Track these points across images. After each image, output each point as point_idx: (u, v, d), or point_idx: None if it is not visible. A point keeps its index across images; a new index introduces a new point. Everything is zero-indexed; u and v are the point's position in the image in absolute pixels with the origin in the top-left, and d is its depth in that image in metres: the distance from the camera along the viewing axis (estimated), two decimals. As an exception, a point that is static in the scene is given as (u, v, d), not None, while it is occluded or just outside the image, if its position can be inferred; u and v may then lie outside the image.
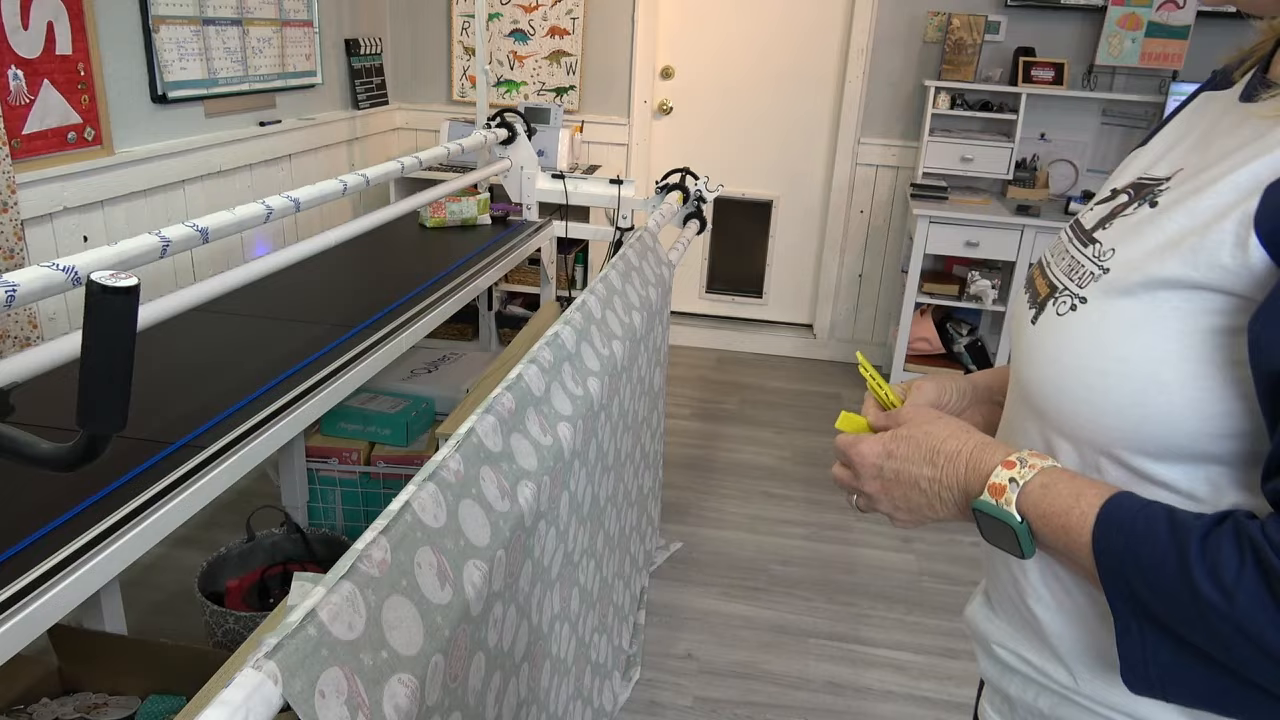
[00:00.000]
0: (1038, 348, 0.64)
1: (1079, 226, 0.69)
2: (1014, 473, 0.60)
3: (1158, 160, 0.68)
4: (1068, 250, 0.67)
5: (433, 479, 0.89)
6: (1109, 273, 0.60)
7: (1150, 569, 0.52)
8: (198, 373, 1.58)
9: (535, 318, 2.56)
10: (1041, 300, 0.66)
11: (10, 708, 1.40)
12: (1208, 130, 0.64)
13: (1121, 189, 0.68)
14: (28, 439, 0.88)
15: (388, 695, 0.72)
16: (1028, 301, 0.68)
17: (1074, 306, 0.61)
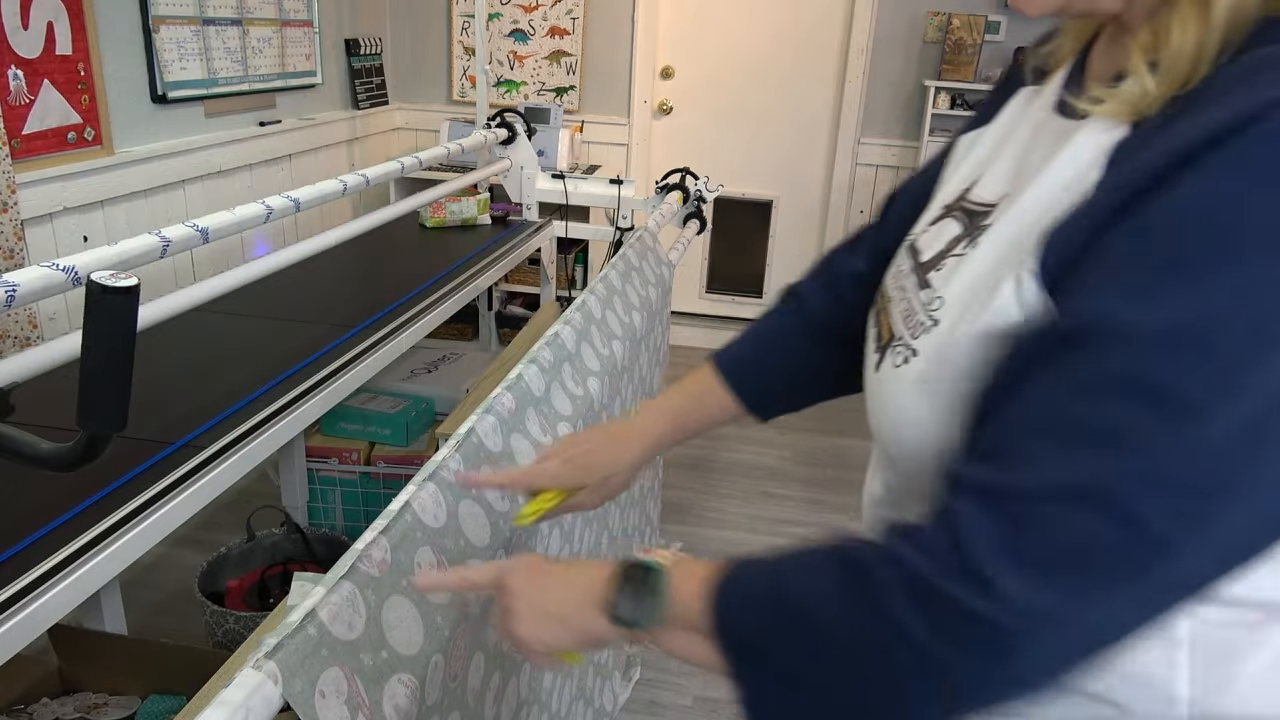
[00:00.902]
0: (879, 396, 0.63)
1: (916, 255, 0.66)
2: (648, 556, 0.62)
3: (984, 170, 0.66)
4: (905, 291, 0.65)
5: (433, 479, 0.89)
6: (938, 325, 0.58)
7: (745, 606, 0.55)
8: (198, 373, 1.58)
9: (535, 318, 2.56)
10: (883, 346, 0.65)
11: (10, 708, 1.40)
12: (1030, 144, 0.62)
13: (954, 206, 0.66)
14: (28, 439, 0.88)
15: (388, 695, 0.72)
16: (873, 341, 0.67)
17: (907, 360, 0.59)
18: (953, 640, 0.47)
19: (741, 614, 0.56)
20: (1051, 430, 0.47)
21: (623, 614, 0.60)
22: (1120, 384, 0.45)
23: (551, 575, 0.66)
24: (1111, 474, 0.44)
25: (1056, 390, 0.47)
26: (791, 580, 0.55)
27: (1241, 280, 0.43)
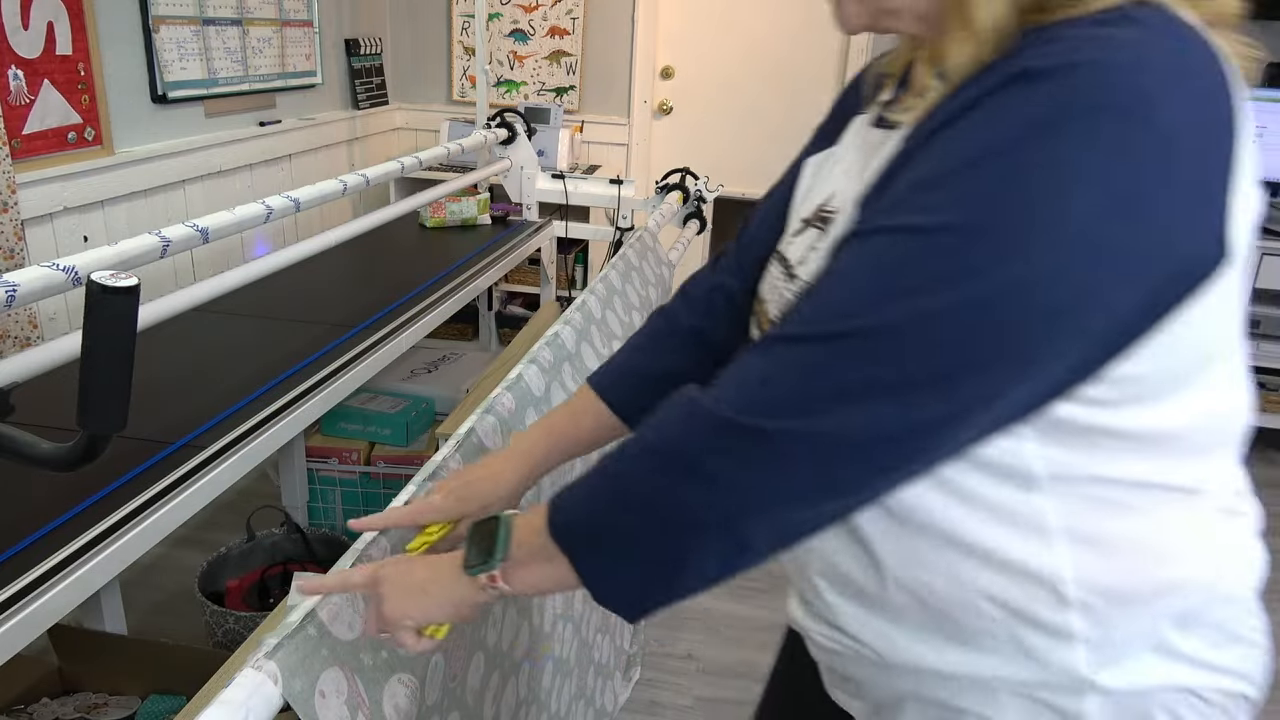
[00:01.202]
0: None
1: (784, 259, 0.73)
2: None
3: (831, 186, 0.72)
4: (778, 288, 0.71)
5: (433, 479, 0.89)
6: None
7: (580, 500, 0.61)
8: (198, 373, 1.58)
9: (535, 318, 2.56)
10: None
11: (10, 708, 1.40)
12: (865, 154, 0.69)
13: (811, 220, 0.72)
14: (28, 439, 0.88)
15: (388, 695, 0.72)
16: (756, 333, 0.73)
17: None
18: (727, 452, 0.54)
19: (570, 510, 0.62)
20: (819, 294, 0.56)
21: (473, 560, 0.65)
22: (895, 253, 0.53)
23: (417, 562, 0.70)
24: (863, 324, 0.52)
25: (844, 266, 0.56)
26: (605, 463, 0.61)
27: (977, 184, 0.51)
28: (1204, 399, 0.60)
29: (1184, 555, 0.61)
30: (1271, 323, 3.21)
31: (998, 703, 0.64)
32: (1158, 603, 0.61)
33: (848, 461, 0.53)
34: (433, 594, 0.67)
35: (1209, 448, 0.63)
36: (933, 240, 0.51)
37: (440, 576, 0.68)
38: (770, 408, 0.53)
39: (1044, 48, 0.52)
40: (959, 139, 0.53)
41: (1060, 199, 0.49)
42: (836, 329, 0.53)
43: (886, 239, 0.54)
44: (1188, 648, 0.62)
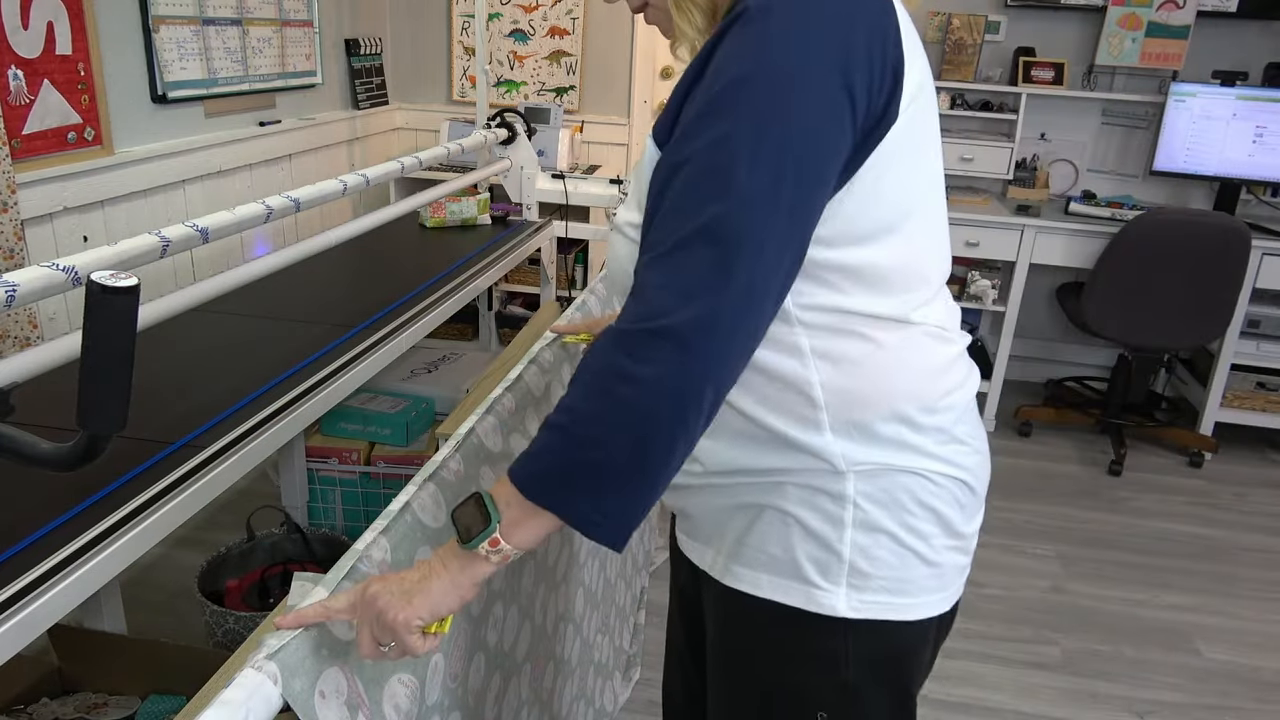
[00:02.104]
0: (608, 251, 0.90)
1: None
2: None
3: None
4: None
5: (433, 479, 0.89)
6: (627, 197, 0.85)
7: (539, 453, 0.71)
8: (198, 373, 1.58)
9: (535, 318, 2.56)
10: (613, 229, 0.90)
11: (10, 708, 1.40)
12: None
13: None
14: (28, 439, 0.88)
15: (388, 695, 0.72)
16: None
17: (614, 217, 0.85)
18: (651, 358, 0.67)
19: (535, 466, 0.71)
20: (666, 216, 0.72)
21: (474, 532, 0.71)
22: (689, 179, 0.71)
23: (401, 570, 0.73)
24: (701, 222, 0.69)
25: (666, 199, 0.72)
26: (550, 419, 0.71)
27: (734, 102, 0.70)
28: (904, 246, 0.79)
29: (900, 369, 0.81)
30: (1271, 323, 3.21)
31: (785, 493, 0.83)
32: (884, 404, 0.81)
33: (715, 335, 0.68)
34: (435, 585, 0.71)
35: (911, 285, 0.81)
36: (701, 161, 0.70)
37: (435, 568, 0.72)
38: (656, 312, 0.68)
39: None
40: (713, 71, 0.73)
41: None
42: (667, 247, 0.70)
43: (685, 168, 0.71)
44: (916, 441, 0.83)
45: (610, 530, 0.70)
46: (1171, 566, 2.61)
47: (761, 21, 0.70)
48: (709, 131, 0.70)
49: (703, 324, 0.67)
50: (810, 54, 0.70)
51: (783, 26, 0.70)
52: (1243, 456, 3.32)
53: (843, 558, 0.82)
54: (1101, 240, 3.03)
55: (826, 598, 0.83)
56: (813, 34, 0.70)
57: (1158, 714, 2.02)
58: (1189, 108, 3.21)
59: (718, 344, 0.68)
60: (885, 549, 0.83)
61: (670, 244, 0.70)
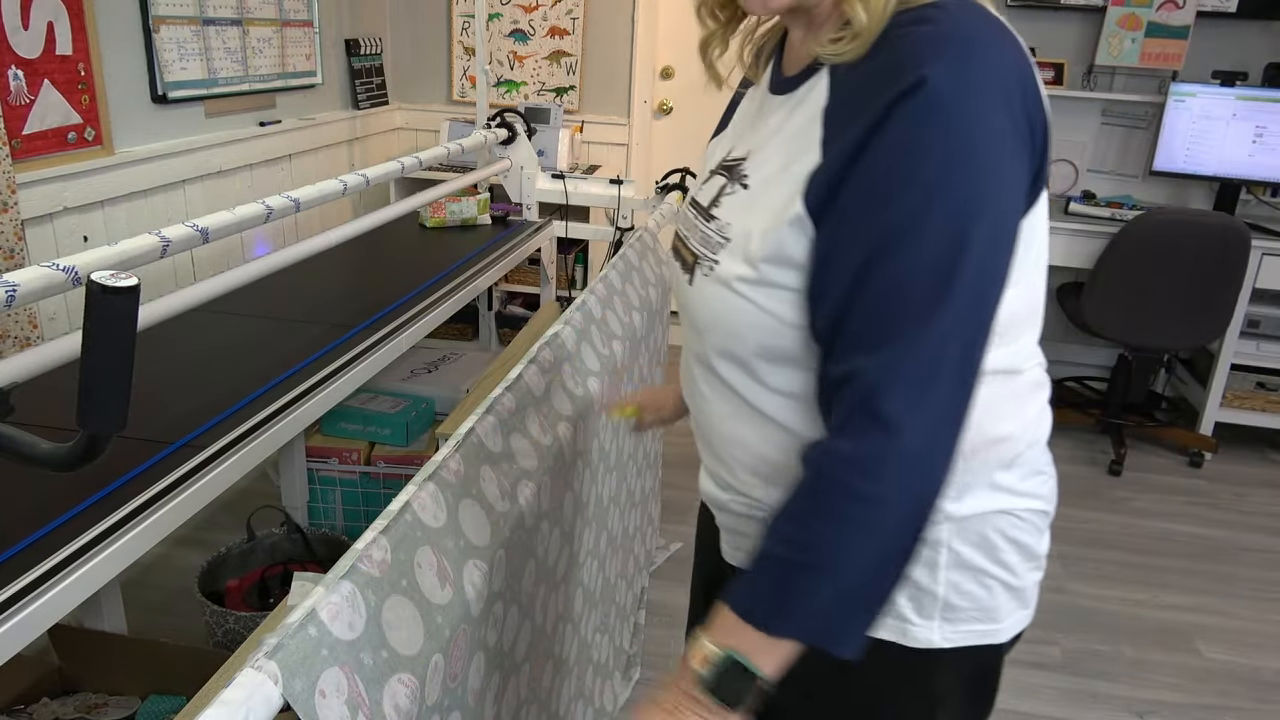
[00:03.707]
0: (698, 300, 0.84)
1: (698, 205, 0.89)
2: (696, 643, 0.75)
3: (732, 146, 0.90)
4: (697, 226, 0.86)
5: (433, 479, 0.89)
6: (730, 242, 0.80)
7: (763, 587, 0.73)
8: (198, 373, 1.58)
9: (535, 318, 2.56)
10: (690, 266, 0.86)
11: (10, 708, 1.40)
12: (755, 118, 0.89)
13: (714, 170, 0.90)
14: (28, 439, 0.88)
15: (388, 695, 0.72)
16: (680, 268, 0.89)
17: (713, 268, 0.82)
18: (885, 476, 0.68)
19: (805, 621, 0.72)
20: (878, 312, 0.70)
21: (743, 697, 0.74)
22: (903, 276, 0.69)
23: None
24: (924, 326, 0.68)
25: (872, 290, 0.70)
26: (776, 547, 0.73)
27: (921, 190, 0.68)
28: (1027, 289, 0.79)
29: (1007, 419, 0.82)
30: (1271, 323, 3.21)
31: None
32: (990, 453, 0.81)
33: (946, 441, 0.70)
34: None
35: (1023, 331, 0.81)
36: (917, 259, 0.68)
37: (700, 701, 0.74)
38: (889, 426, 0.68)
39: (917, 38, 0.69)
40: (889, 156, 0.69)
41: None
42: (888, 348, 0.69)
43: (895, 261, 0.69)
44: (1007, 481, 0.83)
45: (840, 642, 0.72)
46: (1171, 566, 2.61)
47: (948, 108, 0.67)
48: (919, 227, 0.68)
49: (935, 434, 0.69)
50: (996, 139, 0.68)
51: (966, 112, 0.68)
52: (1243, 456, 3.32)
53: (937, 596, 0.83)
54: (1101, 240, 3.03)
55: (921, 632, 0.84)
56: (997, 116, 0.69)
57: (1158, 714, 2.02)
58: (1189, 108, 3.21)
59: (948, 450, 0.70)
60: (975, 583, 0.84)
61: (888, 343, 0.68)
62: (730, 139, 0.93)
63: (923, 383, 0.68)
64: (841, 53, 0.73)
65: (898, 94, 0.68)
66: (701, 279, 0.84)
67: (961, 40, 0.69)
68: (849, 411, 0.70)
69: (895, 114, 0.68)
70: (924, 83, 0.67)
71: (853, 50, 0.73)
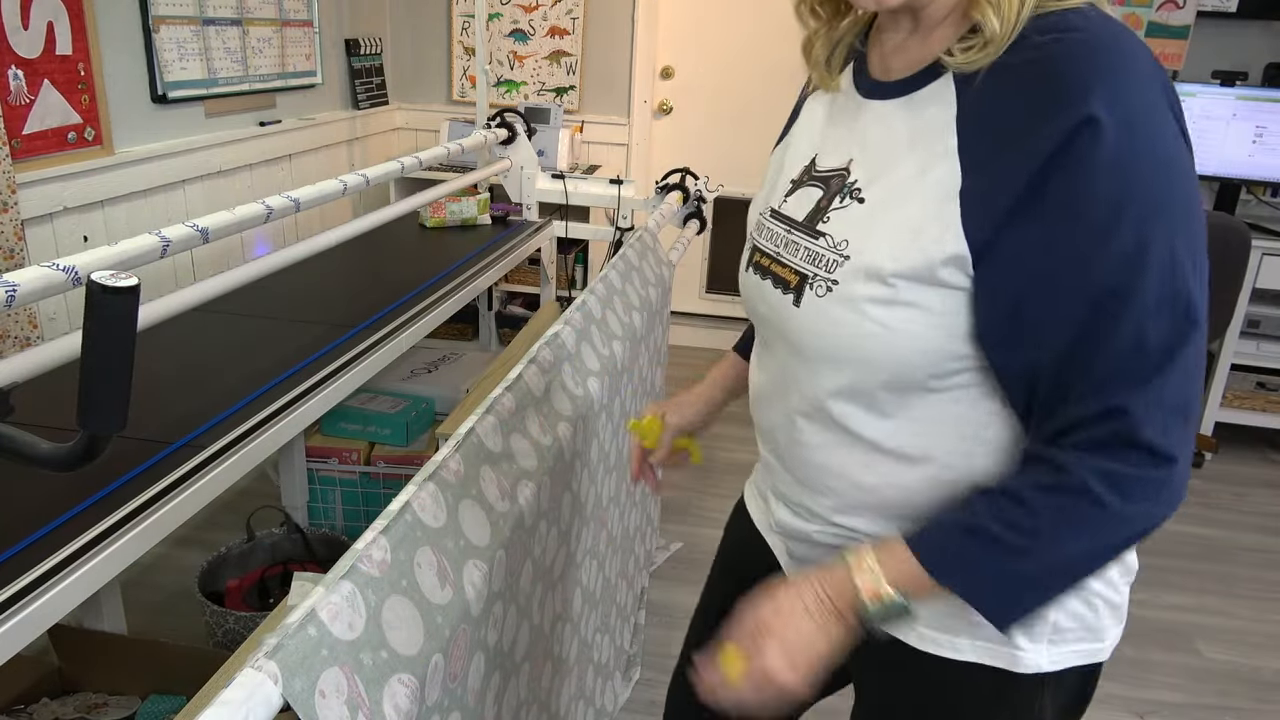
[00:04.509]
0: (812, 322, 0.79)
1: (788, 219, 0.85)
2: (869, 575, 0.75)
3: (813, 153, 0.86)
4: (797, 243, 0.82)
5: (433, 479, 0.89)
6: (850, 260, 0.76)
7: (970, 560, 0.73)
8: (198, 373, 1.58)
9: (535, 318, 2.56)
10: (796, 286, 0.81)
11: (10, 708, 1.40)
12: (843, 124, 0.84)
13: (802, 181, 0.85)
14: (28, 439, 0.88)
15: (388, 695, 0.72)
16: (774, 286, 0.84)
17: (830, 288, 0.77)
18: (1141, 497, 0.69)
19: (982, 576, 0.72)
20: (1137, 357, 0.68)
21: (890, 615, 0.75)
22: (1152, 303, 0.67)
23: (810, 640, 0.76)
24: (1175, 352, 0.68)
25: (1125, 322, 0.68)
26: (1005, 532, 0.72)
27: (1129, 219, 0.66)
28: None
29: None
30: (1271, 323, 3.21)
31: None
32: None
33: (1187, 466, 0.70)
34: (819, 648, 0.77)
35: None
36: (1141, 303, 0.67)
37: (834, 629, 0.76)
38: (1161, 454, 0.69)
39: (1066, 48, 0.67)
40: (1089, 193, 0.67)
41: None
42: (1154, 376, 0.68)
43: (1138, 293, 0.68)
44: None
45: (1002, 617, 0.73)
46: (1171, 566, 2.61)
47: (1137, 136, 0.66)
48: (1143, 268, 0.66)
49: (1187, 460, 0.70)
50: (1178, 151, 0.68)
51: (1151, 134, 0.67)
52: (1243, 456, 3.32)
53: (1046, 619, 0.82)
54: (1101, 240, 3.02)
55: (1029, 657, 0.83)
56: (1170, 127, 0.68)
57: (1158, 714, 2.02)
58: (1189, 108, 3.21)
59: (1187, 474, 0.70)
60: (1082, 603, 0.83)
61: (1161, 361, 0.68)
62: (807, 146, 0.89)
63: (1181, 415, 0.69)
64: (971, 61, 0.71)
65: (1075, 124, 0.66)
66: (815, 300, 0.78)
67: (1118, 52, 0.67)
68: (1110, 439, 0.69)
69: (1076, 149, 0.66)
70: (1095, 116, 0.65)
71: (984, 58, 0.70)
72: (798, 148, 0.90)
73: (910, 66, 0.77)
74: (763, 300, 0.86)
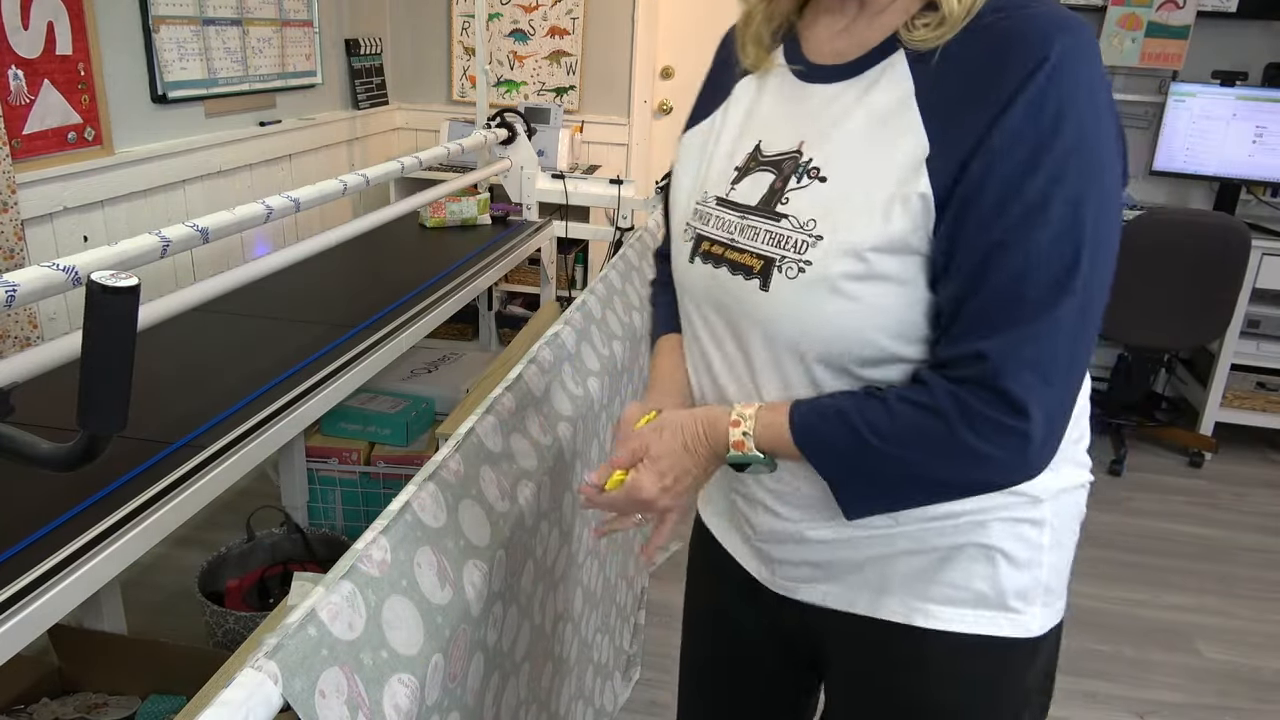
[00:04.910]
0: (785, 306, 0.78)
1: (740, 206, 0.83)
2: (743, 428, 0.80)
3: (756, 139, 0.85)
4: (755, 227, 0.81)
5: (433, 479, 0.89)
6: (824, 239, 0.75)
7: (830, 440, 0.76)
8: (198, 373, 1.58)
9: (535, 318, 2.56)
10: (761, 270, 0.80)
11: (10, 708, 1.40)
12: (792, 109, 0.83)
13: (747, 167, 0.84)
14: (28, 439, 0.88)
15: (388, 695, 0.72)
16: (740, 276, 0.82)
17: (802, 269, 0.76)
18: (998, 443, 0.70)
19: (820, 439, 0.76)
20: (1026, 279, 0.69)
21: (743, 470, 0.82)
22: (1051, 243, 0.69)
23: (688, 470, 0.84)
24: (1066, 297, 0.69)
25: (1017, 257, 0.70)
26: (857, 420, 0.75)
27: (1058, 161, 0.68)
28: None
29: (1084, 390, 0.83)
30: (1271, 323, 3.21)
31: (988, 530, 0.82)
32: (1076, 427, 0.83)
33: (1060, 428, 0.72)
34: (695, 476, 0.84)
35: None
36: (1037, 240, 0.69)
37: (708, 465, 0.84)
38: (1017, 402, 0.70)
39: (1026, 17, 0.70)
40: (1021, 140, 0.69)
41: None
42: (1034, 317, 0.69)
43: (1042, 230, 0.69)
44: (1080, 454, 0.86)
45: (849, 506, 0.78)
46: (1171, 566, 2.61)
47: (1079, 81, 0.69)
48: (1059, 203, 0.69)
49: (1055, 416, 0.71)
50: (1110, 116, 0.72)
51: (1092, 84, 0.70)
52: (1243, 456, 3.32)
53: (1039, 579, 0.84)
54: (1101, 240, 3.03)
55: (1028, 620, 0.84)
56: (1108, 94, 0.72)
57: (1158, 714, 2.02)
58: (1189, 108, 3.21)
59: (1059, 435, 0.72)
60: (1063, 560, 0.86)
61: (1016, 326, 0.70)
62: (748, 132, 0.87)
63: (1040, 372, 0.69)
64: (928, 39, 0.73)
65: (1026, 72, 0.68)
66: (787, 282, 0.77)
67: (1074, 22, 0.70)
68: (972, 378, 0.71)
69: (1029, 87, 0.68)
70: (1050, 57, 0.68)
71: (941, 35, 0.73)
72: (733, 134, 0.89)
73: (859, 48, 0.79)
74: (720, 289, 0.84)
